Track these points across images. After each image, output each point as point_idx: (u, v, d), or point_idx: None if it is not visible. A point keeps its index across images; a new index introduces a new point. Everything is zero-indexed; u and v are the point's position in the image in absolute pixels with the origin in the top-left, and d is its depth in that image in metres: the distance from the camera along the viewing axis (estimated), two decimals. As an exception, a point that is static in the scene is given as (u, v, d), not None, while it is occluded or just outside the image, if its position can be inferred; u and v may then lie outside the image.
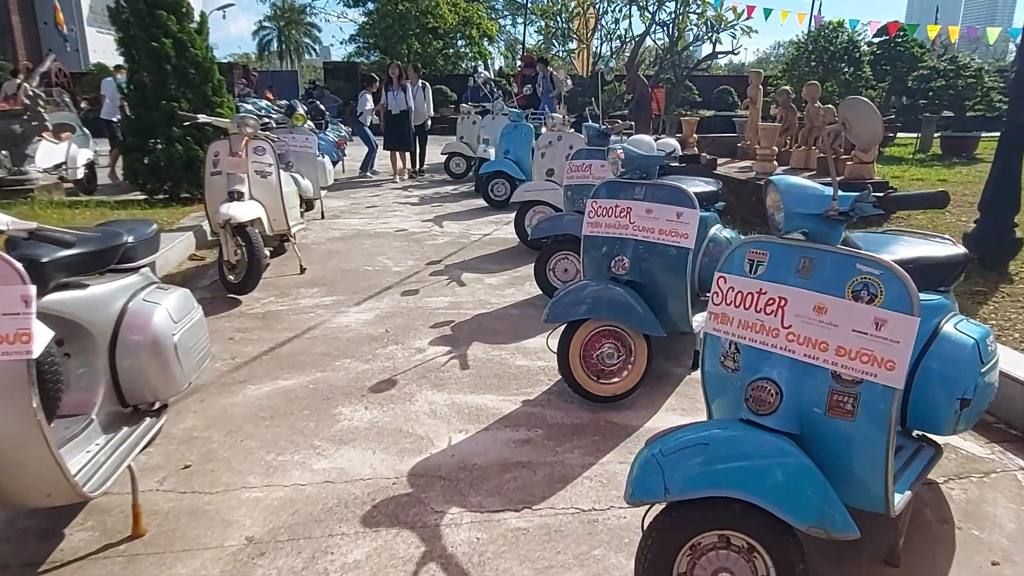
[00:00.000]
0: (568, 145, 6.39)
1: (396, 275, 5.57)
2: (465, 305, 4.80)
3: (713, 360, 2.03)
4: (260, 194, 5.11)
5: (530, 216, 6.33)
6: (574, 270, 4.77)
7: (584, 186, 4.87)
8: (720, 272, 1.99)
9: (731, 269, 1.97)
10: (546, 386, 3.50)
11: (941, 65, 13.66)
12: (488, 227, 7.58)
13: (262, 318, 4.51)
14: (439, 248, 6.55)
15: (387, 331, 4.27)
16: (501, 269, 5.78)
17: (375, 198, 9.60)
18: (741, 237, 4.06)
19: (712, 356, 2.03)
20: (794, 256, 1.85)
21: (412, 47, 25.83)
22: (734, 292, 1.94)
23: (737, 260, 1.96)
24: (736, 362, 1.93)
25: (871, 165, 7.01)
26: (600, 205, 3.31)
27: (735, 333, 1.92)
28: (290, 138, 7.35)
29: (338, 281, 5.38)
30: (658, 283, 3.20)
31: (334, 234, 7.17)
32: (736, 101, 24.39)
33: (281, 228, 5.38)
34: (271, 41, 64.16)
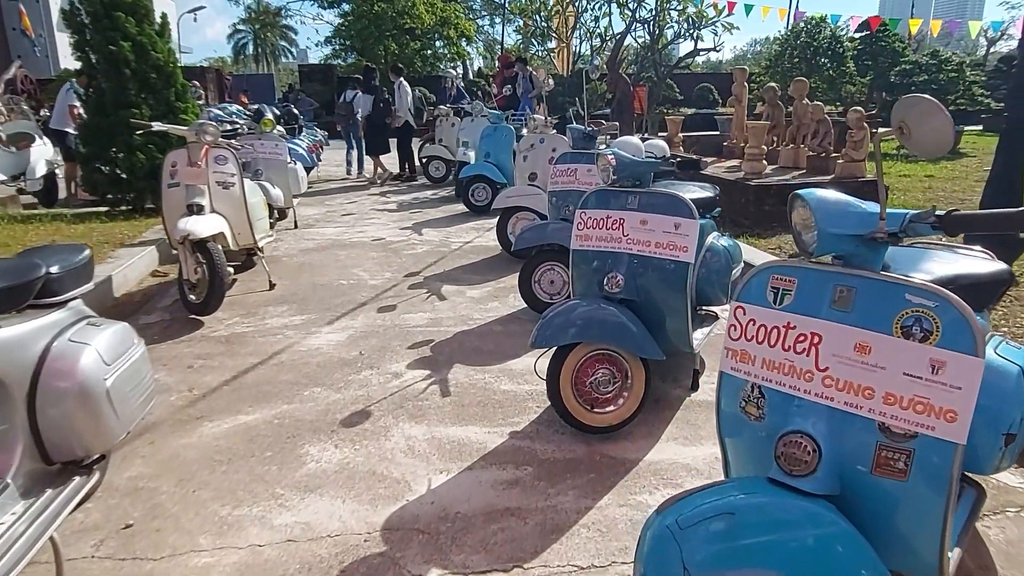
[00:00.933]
0: (551, 148, 6.11)
1: (372, 289, 5.25)
2: (445, 322, 4.49)
3: (731, 402, 1.74)
4: (222, 206, 4.76)
5: (512, 223, 6.03)
6: (561, 282, 4.48)
7: (570, 192, 4.59)
8: (738, 301, 1.70)
9: (751, 298, 1.68)
10: (535, 414, 3.20)
11: (923, 60, 13.58)
12: (469, 234, 7.28)
13: (225, 342, 4.16)
14: (418, 258, 6.23)
15: (361, 354, 3.95)
16: (483, 280, 5.48)
17: (351, 205, 9.26)
18: (739, 245, 3.79)
19: (730, 397, 1.74)
20: (829, 284, 1.55)
21: (389, 48, 25.43)
22: (755, 326, 1.65)
23: (758, 288, 1.67)
24: (761, 408, 1.64)
25: (863, 163, 6.79)
26: (590, 216, 3.02)
27: (759, 375, 1.63)
28: (259, 145, 6.99)
29: (309, 297, 5.04)
30: (655, 301, 2.91)
31: (307, 245, 6.82)
32: (716, 99, 24.27)
33: (247, 242, 5.03)
34: (247, 44, 63.39)
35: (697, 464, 2.77)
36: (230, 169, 4.79)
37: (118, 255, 5.67)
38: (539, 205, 5.90)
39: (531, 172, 6.09)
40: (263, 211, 5.59)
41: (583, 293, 3.12)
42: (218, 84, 28.16)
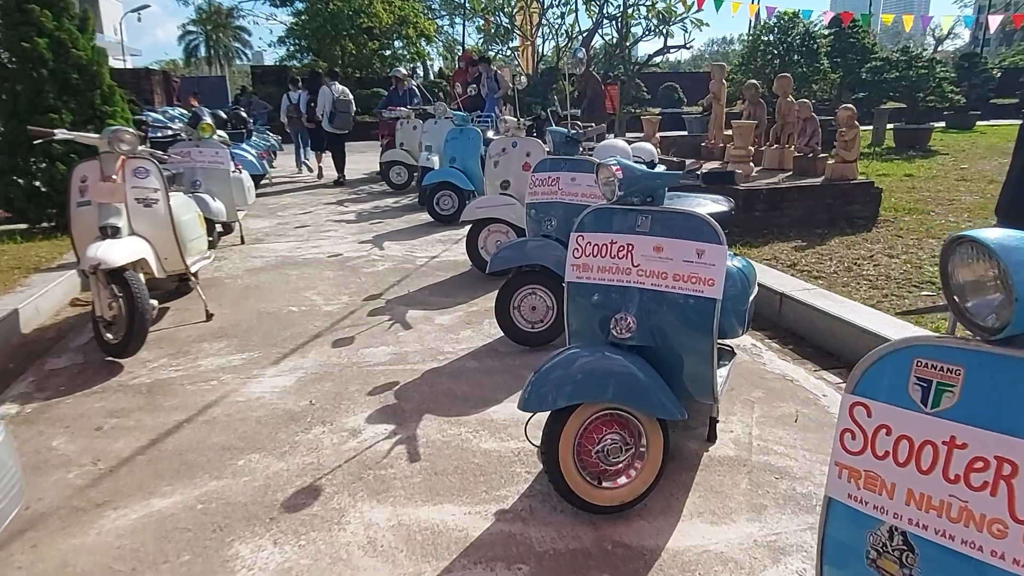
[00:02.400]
0: (525, 152, 5.53)
1: (327, 317, 4.59)
2: (412, 357, 3.86)
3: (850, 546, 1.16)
4: (144, 227, 4.05)
5: (484, 236, 5.43)
6: (544, 308, 3.90)
7: (551, 204, 4.01)
8: (858, 396, 1.13)
9: (879, 392, 1.10)
10: (525, 482, 2.61)
11: (894, 56, 13.39)
12: (435, 247, 6.65)
13: (147, 392, 3.47)
14: (379, 277, 5.58)
15: (312, 403, 3.30)
16: (454, 302, 4.86)
17: (306, 216, 8.53)
18: (752, 265, 3.26)
19: (850, 535, 1.16)
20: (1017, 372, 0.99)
21: (346, 48, 24.55)
22: (891, 436, 1.07)
23: (891, 376, 1.09)
24: (909, 568, 1.07)
25: (854, 165, 6.37)
26: (589, 241, 2.43)
27: (902, 514, 1.07)
28: (196, 153, 6.25)
29: (253, 330, 4.36)
30: (673, 346, 2.34)
31: (254, 264, 6.10)
32: (681, 98, 24.05)
33: (177, 267, 4.32)
34: (198, 46, 61.52)
35: (733, 551, 2.20)
36: (152, 183, 4.08)
37: (30, 283, 4.92)
38: (513, 217, 5.32)
39: (503, 180, 5.50)
40: (198, 229, 4.88)
41: (581, 335, 2.54)
42: (165, 87, 26.95)
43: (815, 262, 5.22)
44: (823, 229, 6.09)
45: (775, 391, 3.33)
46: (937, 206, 7.11)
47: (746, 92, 7.64)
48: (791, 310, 4.20)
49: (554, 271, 3.81)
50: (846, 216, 6.28)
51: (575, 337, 2.55)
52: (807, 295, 4.21)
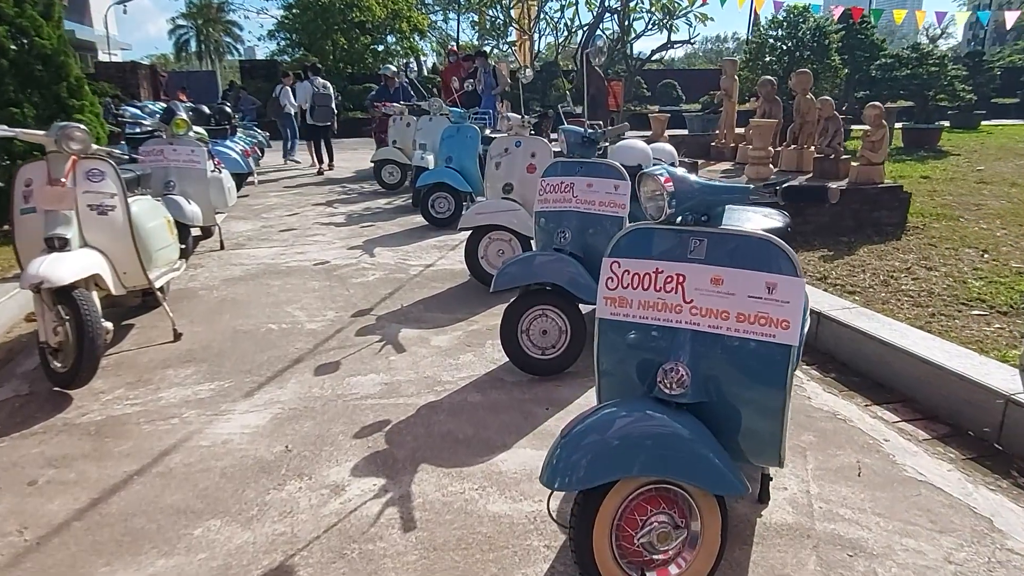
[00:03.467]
0: (529, 153, 5.05)
1: (310, 337, 4.10)
2: (405, 388, 3.38)
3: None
4: (99, 238, 3.55)
5: (484, 245, 4.95)
6: (556, 332, 3.42)
7: (564, 213, 3.54)
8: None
9: None
10: (544, 560, 2.13)
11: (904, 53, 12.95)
12: (430, 254, 6.16)
13: (95, 433, 2.97)
14: (369, 289, 5.09)
15: (288, 449, 2.82)
16: (452, 319, 4.38)
17: (292, 218, 8.02)
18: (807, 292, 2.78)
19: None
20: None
21: (338, 43, 23.96)
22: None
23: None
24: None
25: (881, 168, 5.93)
26: (627, 269, 1.95)
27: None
28: (170, 151, 5.73)
29: (226, 353, 3.87)
30: (734, 402, 1.87)
31: (233, 272, 5.60)
32: (680, 95, 23.60)
33: (138, 282, 3.82)
34: (189, 41, 60.73)
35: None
36: (108, 187, 3.58)
37: (-20, 296, 4.40)
38: (517, 223, 4.85)
39: (506, 183, 5.02)
40: (167, 237, 4.37)
41: (615, 384, 2.06)
42: (152, 81, 26.31)
43: (847, 274, 4.77)
44: (849, 237, 5.65)
45: (828, 435, 2.87)
46: (965, 211, 6.67)
47: (761, 89, 7.18)
48: (831, 332, 3.74)
49: (568, 290, 3.35)
50: (873, 223, 5.84)
51: (608, 386, 2.07)
52: (848, 315, 3.76)
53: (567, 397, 3.25)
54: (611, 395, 2.08)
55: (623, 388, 2.02)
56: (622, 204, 3.40)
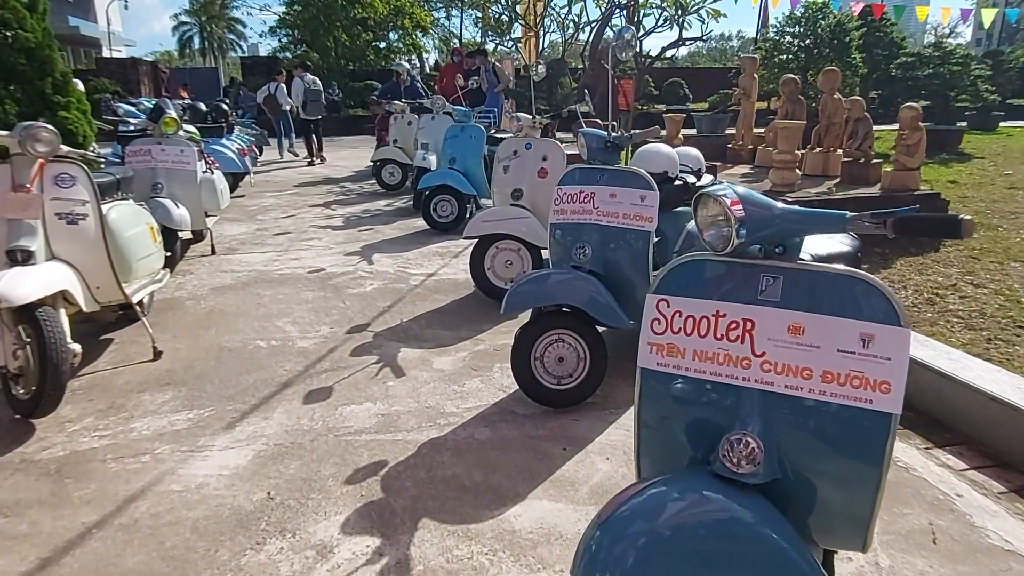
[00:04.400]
0: (540, 156, 4.70)
1: (300, 357, 3.75)
2: (404, 420, 3.03)
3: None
4: (68, 250, 3.20)
5: (491, 255, 4.60)
6: (574, 359, 3.07)
7: (584, 227, 3.18)
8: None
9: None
10: (567, 649, 1.79)
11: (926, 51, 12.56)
12: (432, 261, 5.81)
13: (55, 473, 2.63)
14: (366, 301, 4.74)
15: (270, 496, 2.47)
16: (456, 338, 4.03)
17: (288, 220, 7.67)
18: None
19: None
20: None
21: (340, 39, 23.61)
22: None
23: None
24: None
25: (916, 172, 5.57)
26: (678, 310, 1.59)
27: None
28: (158, 151, 5.40)
29: (208, 375, 3.52)
30: (817, 480, 1.51)
31: (223, 280, 5.25)
32: (687, 94, 23.19)
33: (113, 297, 3.47)
34: (192, 38, 60.49)
35: None
36: (79, 193, 3.23)
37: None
38: (527, 232, 4.50)
39: (515, 188, 4.66)
40: (149, 245, 4.02)
41: (665, 445, 1.70)
42: (154, 78, 26.03)
43: (883, 290, 4.41)
44: (884, 248, 5.29)
45: (891, 487, 2.50)
46: (1002, 220, 6.30)
47: (784, 88, 6.82)
48: (876, 359, 3.38)
49: (587, 313, 3.00)
50: (906, 232, 5.46)
51: (650, 444, 1.71)
52: (894, 339, 3.39)
53: (586, 434, 2.90)
54: (653, 455, 1.72)
55: (669, 450, 1.67)
56: (649, 217, 3.05)
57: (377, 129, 11.40)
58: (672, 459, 1.67)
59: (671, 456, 1.67)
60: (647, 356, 1.63)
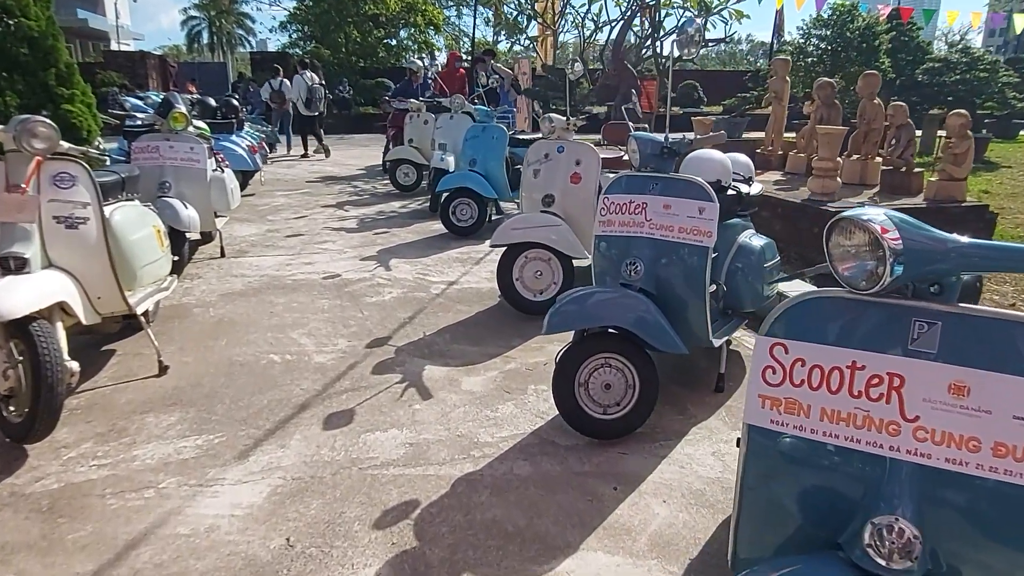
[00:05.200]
0: (574, 160, 4.42)
1: (318, 374, 3.47)
2: (434, 452, 2.75)
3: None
4: (67, 257, 2.93)
5: (520, 265, 4.31)
6: (622, 386, 2.78)
7: (634, 240, 2.89)
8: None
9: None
10: None
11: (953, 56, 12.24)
12: (452, 268, 5.52)
13: (48, 510, 2.35)
14: (385, 311, 4.46)
15: (289, 544, 2.19)
16: (484, 354, 3.75)
17: (300, 221, 7.40)
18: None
19: None
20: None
21: (350, 35, 23.36)
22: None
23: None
24: None
25: (963, 183, 5.26)
26: (800, 358, 1.31)
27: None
28: (166, 148, 5.13)
29: (219, 393, 3.24)
30: (985, 568, 1.22)
31: (233, 286, 4.98)
32: (701, 97, 22.87)
33: (115, 308, 3.19)
34: (201, 32, 60.41)
35: None
36: (79, 194, 2.95)
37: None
38: (559, 241, 4.22)
39: (546, 194, 4.38)
40: (156, 250, 3.74)
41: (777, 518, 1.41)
42: (162, 72, 25.83)
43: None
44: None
45: None
46: (1048, 233, 6.00)
47: (819, 92, 6.52)
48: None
49: (637, 336, 2.71)
50: (955, 246, 5.16)
51: (755, 512, 1.41)
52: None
53: (637, 471, 2.62)
54: (757, 530, 1.43)
55: (779, 527, 1.38)
56: (708, 232, 2.76)
57: (388, 128, 11.13)
58: (782, 537, 1.39)
59: (781, 534, 1.39)
60: (757, 411, 1.35)
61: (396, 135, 10.69)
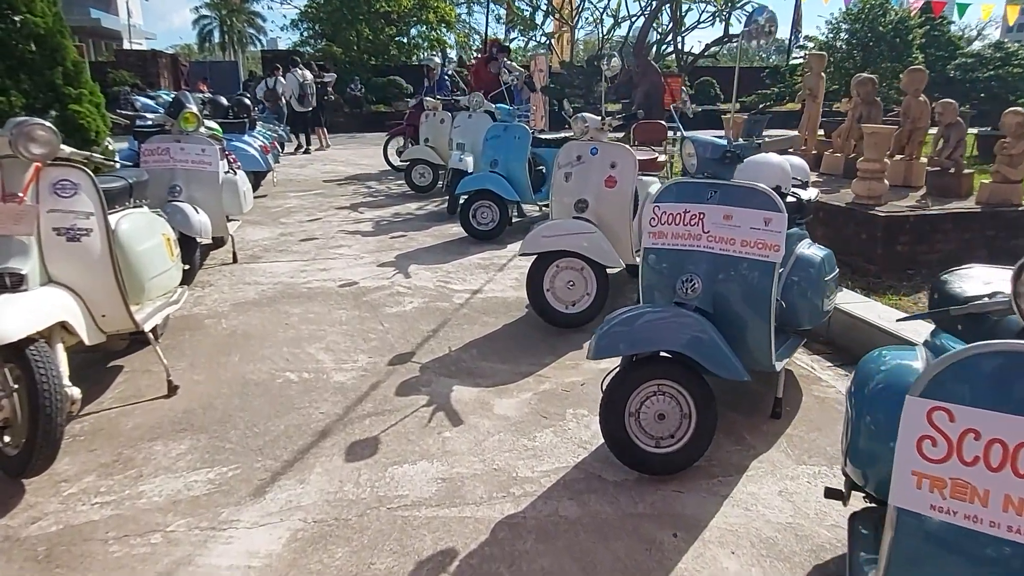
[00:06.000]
0: (609, 162, 4.14)
1: (337, 394, 3.22)
2: (470, 490, 2.49)
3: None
4: (68, 272, 2.69)
5: (551, 274, 4.03)
6: (676, 416, 2.51)
7: (689, 254, 2.62)
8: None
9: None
10: None
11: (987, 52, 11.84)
12: (475, 275, 5.26)
13: (44, 559, 2.11)
14: (407, 323, 4.20)
15: (312, 603, 1.93)
16: (515, 373, 3.48)
17: (314, 223, 7.16)
18: None
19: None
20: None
21: (362, 33, 23.13)
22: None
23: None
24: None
25: (1018, 186, 4.94)
26: (973, 430, 1.03)
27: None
28: (177, 150, 4.92)
29: (233, 417, 3.00)
30: None
31: (246, 294, 4.74)
32: (718, 94, 22.49)
33: (121, 326, 2.95)
34: (212, 31, 60.55)
35: None
36: (82, 204, 2.71)
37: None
38: (592, 249, 3.95)
39: (579, 199, 4.11)
40: (165, 259, 3.50)
41: None
42: (173, 71, 25.75)
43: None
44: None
45: None
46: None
47: (859, 88, 6.20)
48: None
49: (694, 360, 2.44)
50: (1011, 252, 4.84)
51: None
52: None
53: (697, 514, 2.34)
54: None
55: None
56: (775, 245, 2.48)
57: (405, 125, 10.85)
58: None
59: None
60: (909, 492, 1.07)
61: (414, 133, 10.48)
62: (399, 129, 11.05)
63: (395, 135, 11.06)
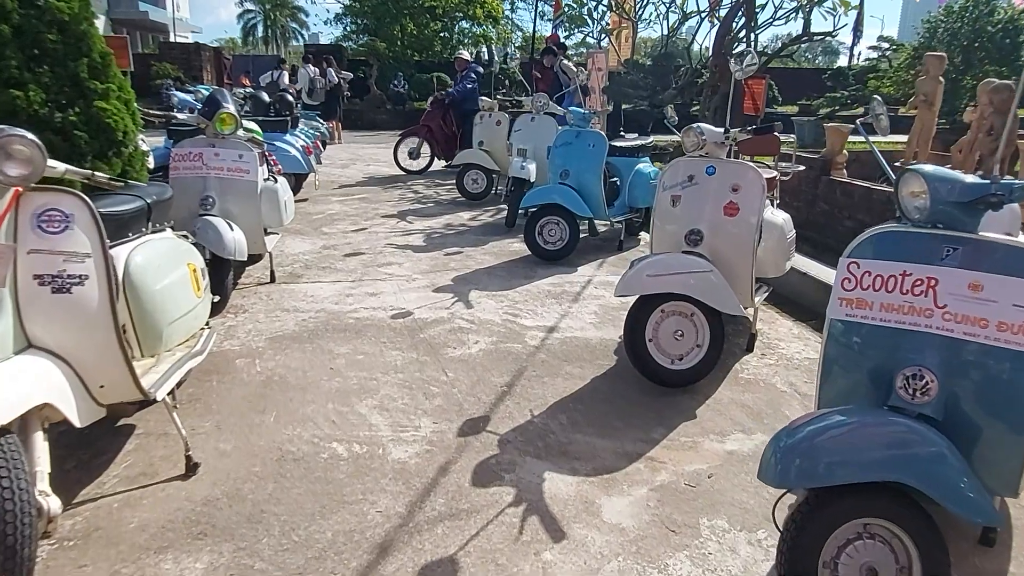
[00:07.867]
0: (729, 185, 3.36)
1: (398, 483, 2.51)
2: (593, 662, 1.75)
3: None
4: (53, 332, 2.01)
5: (655, 320, 3.27)
6: (893, 567, 1.73)
7: (914, 337, 1.84)
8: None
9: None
10: None
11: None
12: (548, 307, 4.52)
13: None
14: (475, 371, 3.49)
15: None
16: (620, 452, 2.74)
17: (359, 234, 6.50)
18: None
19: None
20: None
21: (406, 28, 22.58)
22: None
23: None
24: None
25: None
26: None
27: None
28: (211, 156, 4.28)
29: (265, 516, 2.31)
30: None
31: (284, 325, 4.08)
32: (776, 96, 21.33)
33: (125, 396, 2.27)
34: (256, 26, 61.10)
35: None
36: (75, 242, 2.02)
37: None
38: (705, 292, 3.17)
39: (691, 229, 3.33)
40: (190, 298, 2.84)
41: None
42: (216, 65, 25.58)
43: None
44: None
45: None
46: None
47: (993, 96, 5.28)
48: None
49: (922, 492, 1.66)
50: None
51: None
52: None
53: None
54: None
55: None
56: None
57: (423, 124, 10.08)
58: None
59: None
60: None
61: (430, 135, 9.79)
62: (413, 129, 10.38)
63: (408, 135, 10.35)
